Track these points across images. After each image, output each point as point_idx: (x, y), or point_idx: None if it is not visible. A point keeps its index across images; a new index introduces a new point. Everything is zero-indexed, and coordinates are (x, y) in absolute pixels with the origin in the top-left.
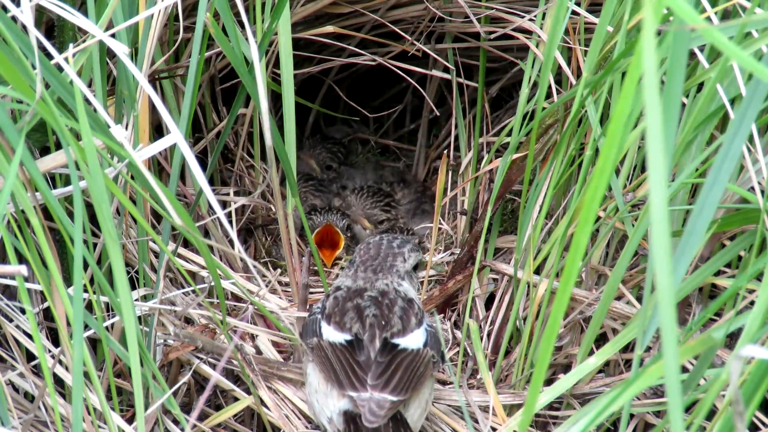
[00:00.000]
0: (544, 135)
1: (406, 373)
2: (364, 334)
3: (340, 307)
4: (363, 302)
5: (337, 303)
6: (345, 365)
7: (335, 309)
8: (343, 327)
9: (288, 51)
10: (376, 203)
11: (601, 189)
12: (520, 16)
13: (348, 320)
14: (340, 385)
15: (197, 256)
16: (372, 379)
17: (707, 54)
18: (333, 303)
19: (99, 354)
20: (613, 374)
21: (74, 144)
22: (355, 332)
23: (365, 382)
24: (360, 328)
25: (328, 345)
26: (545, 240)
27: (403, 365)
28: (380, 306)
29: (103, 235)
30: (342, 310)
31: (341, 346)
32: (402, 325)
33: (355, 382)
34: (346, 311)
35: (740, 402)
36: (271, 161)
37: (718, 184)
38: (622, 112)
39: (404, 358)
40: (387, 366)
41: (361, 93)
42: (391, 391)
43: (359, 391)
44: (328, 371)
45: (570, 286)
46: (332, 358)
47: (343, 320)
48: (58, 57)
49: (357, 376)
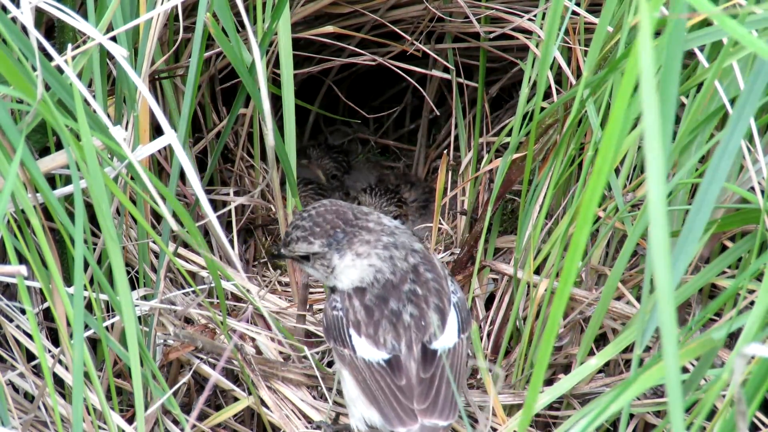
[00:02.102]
0: (544, 135)
1: (449, 387)
2: (401, 345)
3: (373, 318)
4: (398, 305)
5: (370, 312)
6: (388, 393)
7: (368, 319)
8: (378, 342)
9: (288, 51)
10: (390, 200)
11: (600, 189)
12: (520, 16)
13: (382, 333)
14: (387, 421)
15: (197, 257)
16: (418, 403)
17: (707, 54)
18: (364, 310)
19: (99, 354)
20: (613, 374)
21: (75, 144)
22: (391, 346)
23: (411, 411)
24: (395, 339)
25: (364, 365)
26: (545, 240)
27: (445, 376)
28: (418, 302)
29: (103, 235)
30: (375, 321)
31: (379, 368)
32: (440, 318)
33: (402, 415)
34: (380, 322)
35: (743, 401)
36: (272, 161)
37: (715, 181)
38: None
39: (444, 366)
40: (430, 383)
41: (361, 93)
42: (440, 414)
43: (407, 425)
44: (370, 399)
45: (569, 286)
46: (371, 384)
47: (378, 335)
48: (58, 58)
49: (402, 406)
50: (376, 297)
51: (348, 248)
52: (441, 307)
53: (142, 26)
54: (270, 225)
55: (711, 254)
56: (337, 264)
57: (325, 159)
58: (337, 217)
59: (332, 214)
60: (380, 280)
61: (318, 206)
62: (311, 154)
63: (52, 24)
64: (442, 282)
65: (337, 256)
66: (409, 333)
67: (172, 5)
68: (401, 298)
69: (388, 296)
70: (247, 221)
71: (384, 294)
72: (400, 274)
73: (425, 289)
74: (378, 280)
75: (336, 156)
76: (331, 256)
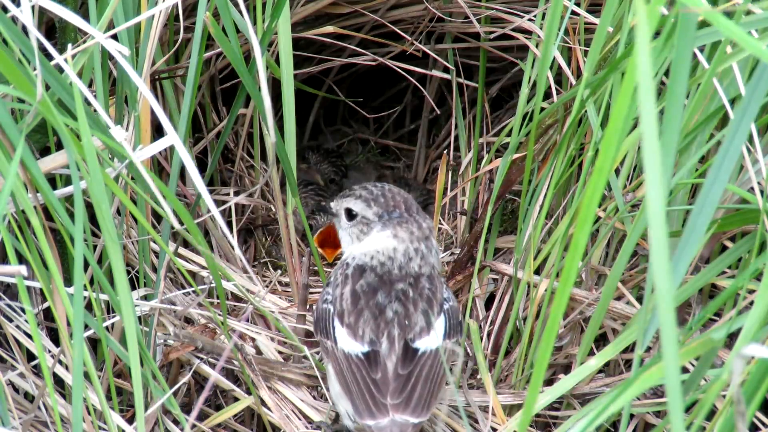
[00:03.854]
0: (544, 135)
1: (426, 386)
2: (381, 340)
3: (357, 307)
4: (385, 300)
5: (356, 299)
6: (362, 386)
7: (351, 308)
8: (356, 334)
9: (288, 51)
10: None
11: (600, 189)
12: (520, 16)
13: (362, 324)
14: (358, 413)
15: (197, 256)
16: (392, 398)
17: (707, 54)
18: (350, 298)
19: (99, 354)
20: (613, 374)
21: (75, 144)
22: (370, 340)
23: (383, 406)
24: (375, 333)
25: (343, 357)
26: (545, 240)
27: (422, 375)
28: (406, 301)
29: (103, 235)
30: (358, 310)
31: (357, 360)
32: (425, 321)
33: (373, 408)
34: (362, 311)
35: (742, 401)
36: (272, 160)
37: (718, 182)
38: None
39: (423, 365)
40: (407, 380)
41: (361, 93)
42: (413, 412)
43: (377, 418)
44: (345, 391)
45: (569, 286)
46: (347, 375)
47: (357, 325)
48: (58, 58)
49: (375, 399)
50: (368, 285)
51: (392, 227)
52: (428, 311)
53: (143, 26)
54: (270, 225)
55: (711, 254)
56: (373, 234)
57: (323, 164)
58: (403, 202)
59: (400, 197)
60: (385, 265)
61: (392, 186)
62: (309, 158)
63: (53, 24)
64: (436, 291)
65: (378, 228)
66: (390, 328)
67: (172, 4)
68: (390, 294)
69: (378, 288)
70: (247, 221)
71: (376, 285)
72: (403, 273)
73: (417, 294)
74: (383, 263)
75: (334, 160)
76: (375, 226)
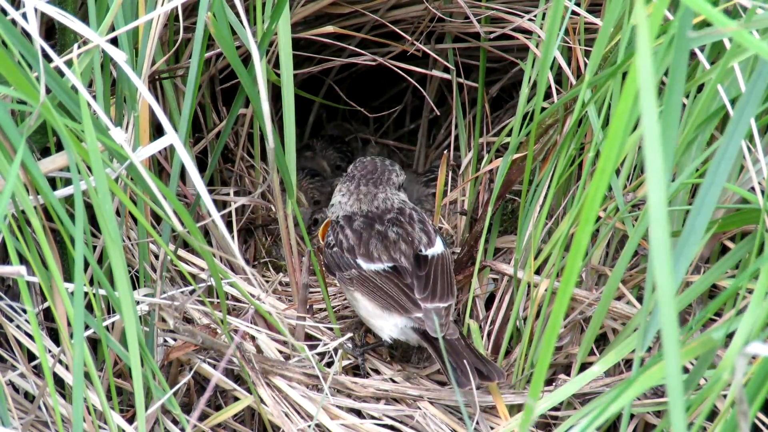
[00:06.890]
0: (544, 135)
1: (444, 278)
2: (395, 256)
3: (362, 239)
4: (383, 227)
5: (359, 235)
6: (398, 291)
7: (358, 241)
8: (373, 258)
9: (288, 51)
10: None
11: (602, 189)
12: (520, 16)
13: (374, 250)
14: (403, 310)
15: (197, 258)
16: (419, 293)
17: (707, 55)
18: (353, 235)
19: (99, 354)
20: (614, 374)
21: (76, 145)
22: (388, 257)
23: (417, 302)
24: (388, 253)
25: (374, 274)
26: (545, 240)
27: (438, 272)
28: (402, 224)
29: (104, 236)
30: (365, 241)
31: (387, 273)
32: (426, 237)
33: (410, 305)
34: (369, 241)
35: (744, 401)
36: (272, 163)
37: (716, 181)
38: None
39: (436, 265)
40: (426, 278)
41: (361, 93)
42: (440, 299)
43: (413, 313)
44: (383, 298)
45: (570, 286)
46: (383, 286)
47: (370, 251)
48: (58, 60)
49: (411, 298)
50: (362, 223)
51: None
52: (426, 230)
53: (143, 27)
54: (270, 225)
55: (711, 254)
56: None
57: (328, 150)
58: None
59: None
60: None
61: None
62: (315, 145)
63: (52, 24)
64: (425, 221)
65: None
66: (398, 246)
67: (173, 6)
68: (384, 224)
69: (372, 222)
70: (247, 221)
71: (368, 221)
72: (381, 209)
73: (408, 219)
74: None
75: (339, 146)
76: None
